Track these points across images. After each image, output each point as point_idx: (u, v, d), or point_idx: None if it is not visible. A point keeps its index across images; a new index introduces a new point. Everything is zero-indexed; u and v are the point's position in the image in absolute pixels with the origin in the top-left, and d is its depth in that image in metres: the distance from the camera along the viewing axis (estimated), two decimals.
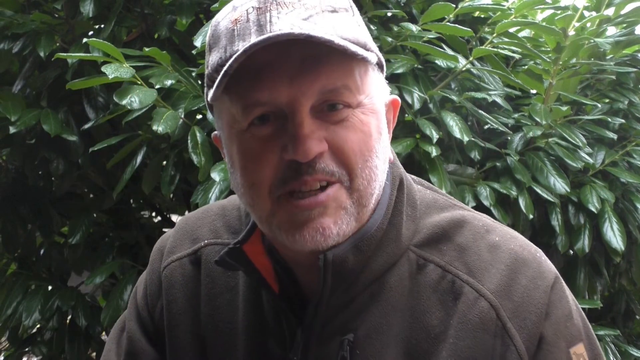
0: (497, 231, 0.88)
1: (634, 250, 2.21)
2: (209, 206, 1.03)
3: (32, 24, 1.95)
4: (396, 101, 0.88)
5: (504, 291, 0.83)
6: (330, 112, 0.77)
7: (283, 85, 0.74)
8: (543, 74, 2.19)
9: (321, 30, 0.74)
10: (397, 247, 0.85)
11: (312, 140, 0.75)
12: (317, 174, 0.76)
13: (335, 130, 0.77)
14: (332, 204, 0.77)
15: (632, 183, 2.14)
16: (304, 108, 0.75)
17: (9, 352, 2.40)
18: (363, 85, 0.79)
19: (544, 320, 0.82)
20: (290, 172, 0.76)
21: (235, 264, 0.85)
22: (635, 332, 2.55)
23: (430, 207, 0.91)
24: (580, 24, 2.17)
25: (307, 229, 0.77)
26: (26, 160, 2.11)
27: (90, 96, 1.98)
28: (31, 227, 2.29)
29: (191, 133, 1.73)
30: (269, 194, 0.78)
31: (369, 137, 0.78)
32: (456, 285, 0.84)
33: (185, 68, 1.87)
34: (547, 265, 0.87)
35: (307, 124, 0.75)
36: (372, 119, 0.79)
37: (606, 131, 2.10)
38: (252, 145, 0.77)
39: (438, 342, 0.82)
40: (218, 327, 0.92)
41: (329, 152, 0.76)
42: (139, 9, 2.04)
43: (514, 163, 1.94)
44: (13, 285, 2.15)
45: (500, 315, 0.81)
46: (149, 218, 2.50)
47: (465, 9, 1.88)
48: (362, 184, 0.78)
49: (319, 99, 0.76)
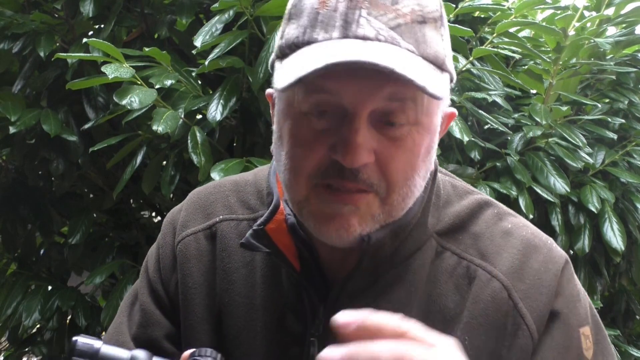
0: (510, 219, 0.91)
1: (634, 250, 2.21)
2: (221, 181, 1.03)
3: (32, 24, 1.95)
4: (453, 115, 0.87)
5: (516, 273, 0.85)
6: (387, 126, 0.76)
7: (352, 82, 0.73)
8: (543, 74, 2.19)
9: (402, 57, 0.71)
10: (424, 233, 0.87)
11: (363, 150, 0.74)
12: (358, 182, 0.76)
13: (386, 145, 0.76)
14: (364, 208, 0.78)
15: (632, 183, 2.14)
16: (365, 112, 0.74)
17: (9, 352, 2.40)
18: (429, 105, 0.77)
19: (554, 299, 0.85)
20: (333, 170, 0.76)
21: (259, 246, 0.86)
22: (635, 332, 2.56)
23: (450, 195, 0.92)
24: (580, 24, 2.17)
25: (334, 223, 0.77)
26: (26, 160, 2.11)
27: (90, 96, 1.98)
28: (31, 227, 2.29)
29: (191, 133, 1.73)
30: (307, 180, 0.78)
31: (417, 157, 0.78)
32: (470, 269, 0.87)
33: (185, 68, 1.87)
34: (557, 250, 0.90)
35: (362, 132, 0.74)
36: (425, 139, 0.79)
37: (606, 131, 2.10)
38: (304, 132, 0.77)
39: (453, 324, 0.85)
40: (235, 301, 0.92)
41: (375, 164, 0.76)
42: (139, 9, 2.04)
43: (514, 163, 1.94)
44: (13, 285, 2.15)
45: (512, 296, 0.84)
46: (149, 218, 2.49)
47: (465, 9, 1.88)
48: (397, 200, 0.79)
49: (383, 106, 0.74)
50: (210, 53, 1.70)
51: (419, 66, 0.73)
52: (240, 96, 1.78)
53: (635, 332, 2.56)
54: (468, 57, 1.92)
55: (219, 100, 1.72)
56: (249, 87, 1.78)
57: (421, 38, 0.75)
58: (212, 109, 1.71)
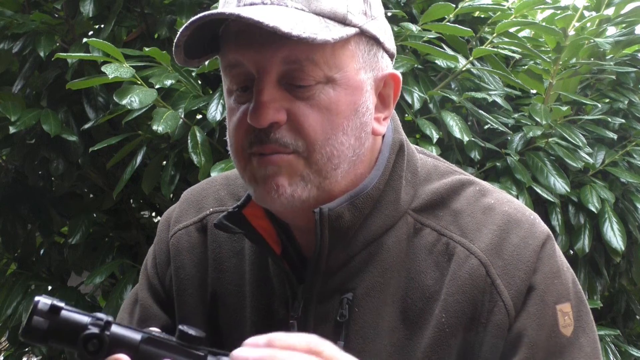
0: (493, 195, 0.91)
1: (634, 250, 2.21)
2: (213, 177, 1.06)
3: (32, 24, 1.95)
4: (395, 76, 0.88)
5: (495, 249, 0.85)
6: (297, 86, 0.79)
7: (252, 50, 0.79)
8: (543, 74, 2.19)
9: (282, 13, 0.76)
10: (396, 210, 0.87)
11: (268, 108, 0.78)
12: (271, 143, 0.79)
13: (298, 105, 0.79)
14: (287, 167, 0.80)
15: (632, 183, 2.14)
16: (268, 76, 0.78)
17: (9, 352, 2.40)
18: (335, 61, 0.80)
19: (532, 275, 0.84)
20: (253, 137, 0.80)
21: (234, 228, 0.88)
22: (635, 332, 2.56)
23: (430, 174, 0.92)
24: (580, 24, 2.17)
25: (264, 186, 0.81)
26: (26, 160, 2.11)
27: (90, 96, 1.98)
28: (31, 227, 2.29)
29: (191, 133, 1.73)
30: (241, 152, 0.83)
31: (336, 115, 0.80)
32: (450, 246, 0.86)
33: (185, 68, 1.87)
34: (540, 225, 0.89)
35: (266, 92, 0.78)
36: (343, 95, 0.80)
37: (606, 131, 2.10)
38: (234, 108, 0.83)
39: (432, 301, 0.85)
40: (226, 289, 0.94)
41: (288, 125, 0.79)
42: (139, 9, 2.04)
43: (514, 163, 1.94)
44: (13, 285, 2.15)
45: (490, 272, 0.84)
46: (149, 218, 2.49)
47: (465, 9, 1.88)
48: (321, 160, 0.80)
49: (284, 69, 0.78)
50: None
51: (304, 20, 0.76)
52: None
53: (635, 332, 2.56)
54: (468, 57, 1.92)
55: (219, 100, 1.72)
56: None
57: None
58: (212, 109, 1.71)
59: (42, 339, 0.69)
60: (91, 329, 0.68)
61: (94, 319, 0.69)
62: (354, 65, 0.82)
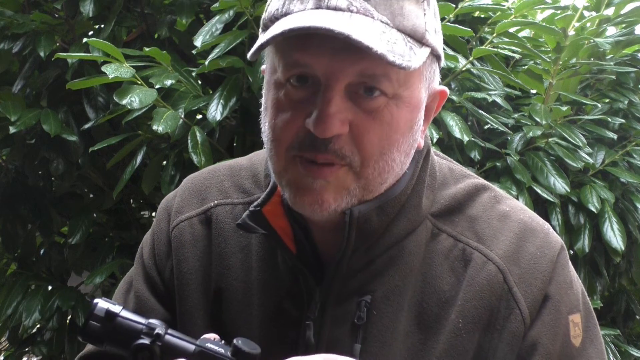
0: (507, 202, 0.92)
1: (634, 250, 2.21)
2: (216, 166, 1.03)
3: (32, 24, 1.95)
4: (444, 92, 0.88)
5: (512, 257, 0.86)
6: (365, 97, 0.77)
7: (325, 56, 0.75)
8: (543, 74, 2.19)
9: (370, 28, 0.73)
10: (418, 215, 0.87)
11: (334, 120, 0.75)
12: (329, 153, 0.77)
13: (362, 117, 0.77)
14: (335, 182, 0.78)
15: (632, 183, 2.14)
16: (338, 85, 0.75)
17: (9, 352, 2.40)
18: (407, 79, 0.78)
19: (548, 285, 0.85)
20: (308, 141, 0.77)
21: (255, 227, 0.86)
22: (635, 332, 2.56)
23: (447, 178, 0.92)
24: (580, 24, 2.17)
25: (307, 197, 0.79)
26: (26, 160, 2.11)
27: (90, 96, 1.98)
28: (31, 227, 2.29)
29: (191, 133, 1.73)
30: (285, 151, 0.80)
31: (395, 131, 0.78)
32: (466, 252, 0.87)
33: (185, 68, 1.87)
34: (553, 235, 0.90)
35: (335, 103, 0.75)
36: (405, 112, 0.79)
37: (606, 131, 2.10)
38: (284, 102, 0.79)
39: (448, 307, 0.85)
40: (232, 285, 0.92)
41: (348, 136, 0.77)
42: (139, 9, 2.04)
43: (514, 163, 1.94)
44: (13, 285, 2.15)
45: (507, 280, 0.85)
46: (149, 218, 2.49)
47: (465, 9, 1.88)
48: (372, 175, 0.79)
49: (356, 80, 0.76)
50: (210, 53, 1.70)
51: (394, 40, 0.73)
52: (240, 96, 1.78)
53: (635, 332, 2.56)
54: (468, 57, 1.91)
55: (219, 100, 1.72)
56: (249, 87, 1.78)
57: (398, 10, 0.76)
58: (212, 109, 1.71)
59: (98, 342, 0.71)
60: (143, 338, 0.68)
61: (147, 328, 0.69)
62: (419, 85, 0.81)
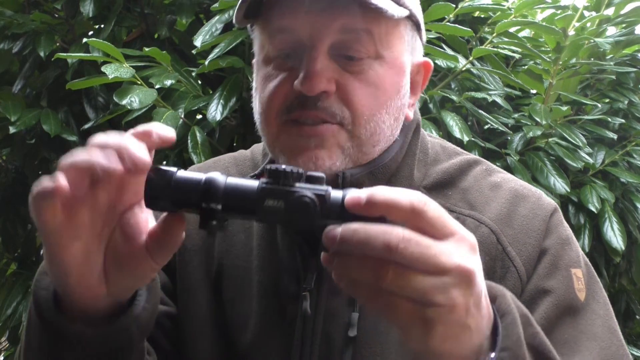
0: (499, 174, 0.94)
1: (634, 250, 2.21)
2: (220, 157, 1.05)
3: (32, 24, 1.95)
4: (428, 64, 0.90)
5: (504, 219, 0.87)
6: (348, 60, 0.79)
7: (306, 17, 0.78)
8: (543, 74, 2.19)
9: None
10: (410, 186, 0.88)
11: (321, 77, 0.78)
12: (319, 111, 0.79)
13: (348, 78, 0.79)
14: (331, 139, 0.80)
15: (632, 183, 2.14)
16: (322, 44, 0.78)
17: (9, 352, 2.40)
18: (388, 38, 0.81)
19: (542, 241, 0.86)
20: (297, 102, 0.79)
21: None
22: (635, 332, 2.56)
23: (439, 154, 0.95)
24: (580, 23, 2.17)
25: (302, 157, 0.80)
26: (26, 160, 2.11)
27: (90, 96, 1.98)
28: (31, 227, 2.29)
29: (191, 133, 1.73)
30: (276, 118, 0.82)
31: (382, 92, 0.81)
32: (459, 220, 0.86)
33: (185, 68, 1.87)
34: (546, 199, 0.92)
35: (320, 60, 0.78)
36: (390, 74, 0.81)
37: (606, 131, 2.10)
38: (272, 74, 0.82)
39: None
40: (233, 263, 0.93)
41: (337, 95, 0.79)
42: (139, 9, 2.04)
43: (514, 163, 1.94)
44: (13, 285, 2.15)
45: (501, 240, 0.86)
46: None
47: (465, 9, 1.88)
48: (365, 134, 0.81)
49: (339, 39, 0.78)
50: (210, 53, 1.70)
51: None
52: (240, 96, 1.78)
53: (635, 332, 2.56)
54: (468, 57, 1.91)
55: (219, 100, 1.72)
56: (249, 87, 1.78)
57: None
58: (212, 109, 1.71)
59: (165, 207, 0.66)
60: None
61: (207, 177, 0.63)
62: (400, 47, 0.83)
